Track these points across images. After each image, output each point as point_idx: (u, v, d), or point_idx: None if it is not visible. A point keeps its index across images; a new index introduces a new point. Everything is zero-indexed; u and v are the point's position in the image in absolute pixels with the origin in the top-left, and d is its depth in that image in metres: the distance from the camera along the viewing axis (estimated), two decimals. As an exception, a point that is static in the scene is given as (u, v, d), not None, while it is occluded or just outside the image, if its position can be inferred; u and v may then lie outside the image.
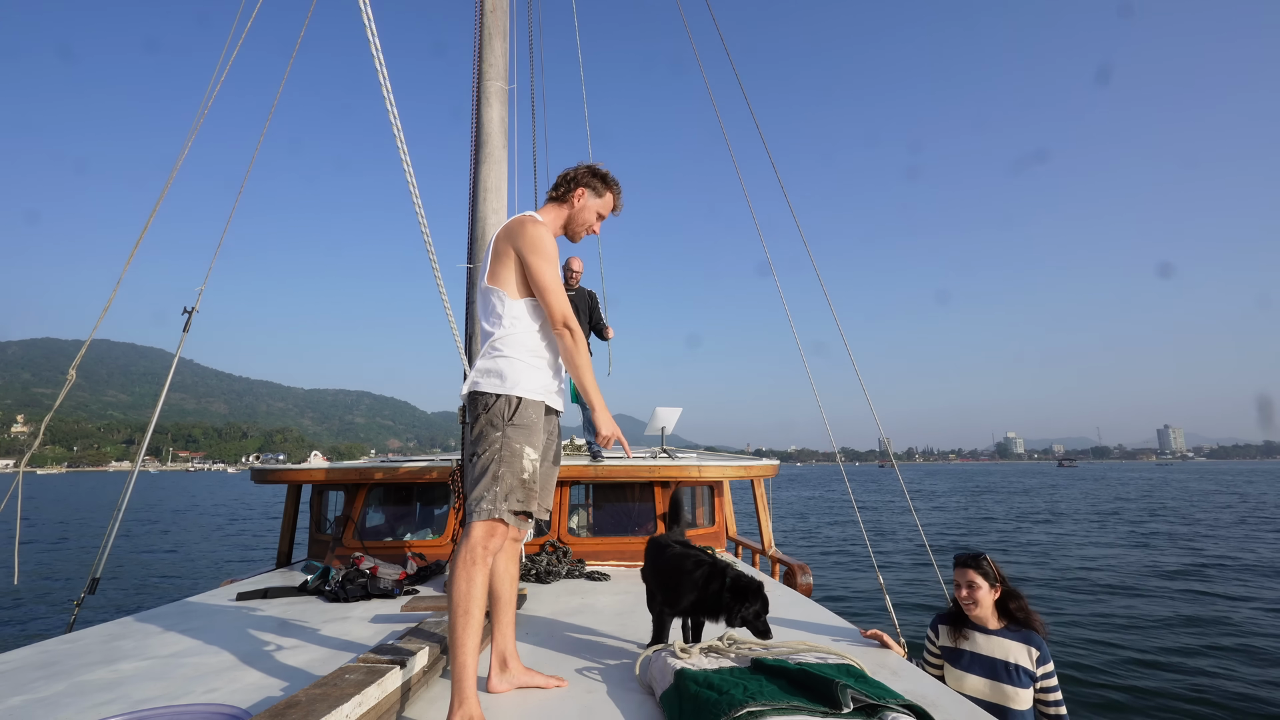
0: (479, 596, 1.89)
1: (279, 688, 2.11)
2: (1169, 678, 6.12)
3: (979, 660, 2.56)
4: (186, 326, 3.84)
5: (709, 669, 1.95)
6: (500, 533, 1.96)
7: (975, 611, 2.62)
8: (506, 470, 1.98)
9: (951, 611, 2.74)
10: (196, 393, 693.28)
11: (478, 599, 1.88)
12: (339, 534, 4.43)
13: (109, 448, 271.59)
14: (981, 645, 2.58)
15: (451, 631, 1.87)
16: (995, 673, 2.51)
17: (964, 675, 2.57)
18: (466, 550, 1.92)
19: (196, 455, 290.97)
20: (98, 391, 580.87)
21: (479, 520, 1.94)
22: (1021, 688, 2.46)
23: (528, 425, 2.05)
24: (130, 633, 2.84)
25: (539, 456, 2.07)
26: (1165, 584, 10.62)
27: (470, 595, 1.87)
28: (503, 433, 2.01)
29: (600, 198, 2.31)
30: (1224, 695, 5.67)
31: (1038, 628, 2.56)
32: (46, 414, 3.32)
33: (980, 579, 2.62)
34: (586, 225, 2.32)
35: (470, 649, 1.85)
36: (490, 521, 1.95)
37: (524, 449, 2.02)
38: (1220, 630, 7.78)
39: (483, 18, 3.95)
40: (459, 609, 1.86)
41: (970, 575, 2.64)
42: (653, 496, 4.60)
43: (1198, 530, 18.45)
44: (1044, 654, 2.51)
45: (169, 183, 3.52)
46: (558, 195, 2.29)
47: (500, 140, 3.84)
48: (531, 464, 2.03)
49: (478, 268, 3.67)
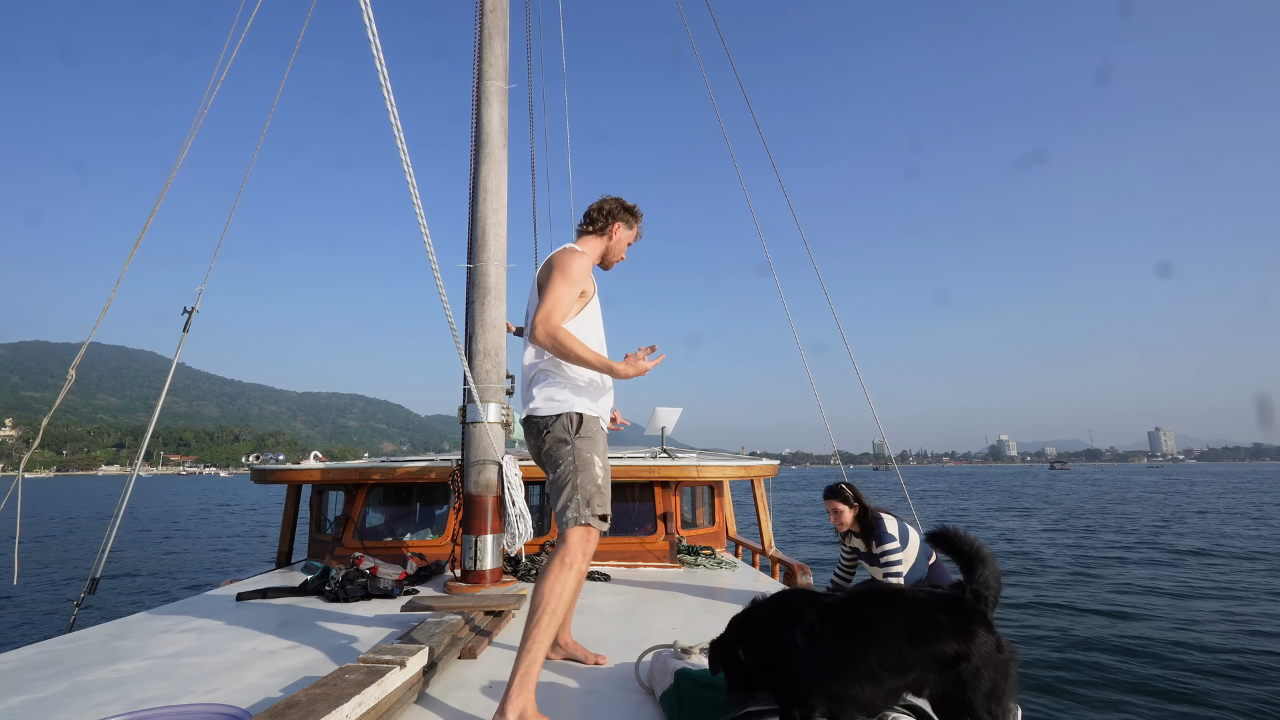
0: (569, 599, 2.01)
1: (279, 688, 2.10)
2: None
3: (863, 555, 3.52)
4: (186, 326, 3.83)
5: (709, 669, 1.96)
6: (594, 537, 2.13)
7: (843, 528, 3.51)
8: (584, 479, 2.16)
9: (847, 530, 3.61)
10: (188, 396, 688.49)
11: (567, 601, 2.00)
12: (339, 534, 4.42)
13: (99, 451, 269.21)
14: (860, 545, 3.52)
15: (534, 627, 1.93)
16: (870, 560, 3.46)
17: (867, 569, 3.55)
18: (564, 553, 2.04)
19: (188, 459, 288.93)
20: (88, 395, 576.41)
21: (573, 527, 2.10)
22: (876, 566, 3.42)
23: (591, 437, 2.25)
24: (130, 633, 2.83)
25: (604, 463, 2.25)
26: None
27: (561, 598, 1.97)
28: (572, 446, 2.21)
29: (630, 229, 2.55)
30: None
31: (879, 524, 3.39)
32: (35, 417, 3.31)
33: (841, 505, 3.48)
34: (619, 255, 2.55)
35: (545, 646, 1.91)
36: (583, 527, 2.11)
37: (593, 458, 2.20)
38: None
39: (483, 18, 3.96)
40: (547, 608, 1.95)
41: (834, 504, 3.51)
42: (653, 496, 4.60)
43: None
44: (881, 537, 3.36)
45: (167, 184, 3.52)
46: (595, 229, 2.49)
47: (500, 140, 3.85)
48: (602, 470, 2.21)
49: (480, 274, 3.66)
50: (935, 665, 1.32)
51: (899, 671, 1.34)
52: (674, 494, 4.63)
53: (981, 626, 1.32)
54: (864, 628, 1.39)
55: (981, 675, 1.28)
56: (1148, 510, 25.64)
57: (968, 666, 1.29)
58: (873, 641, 1.37)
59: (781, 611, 1.53)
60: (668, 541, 4.51)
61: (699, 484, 5.07)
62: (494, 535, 3.43)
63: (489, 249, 3.68)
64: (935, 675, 1.32)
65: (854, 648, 1.38)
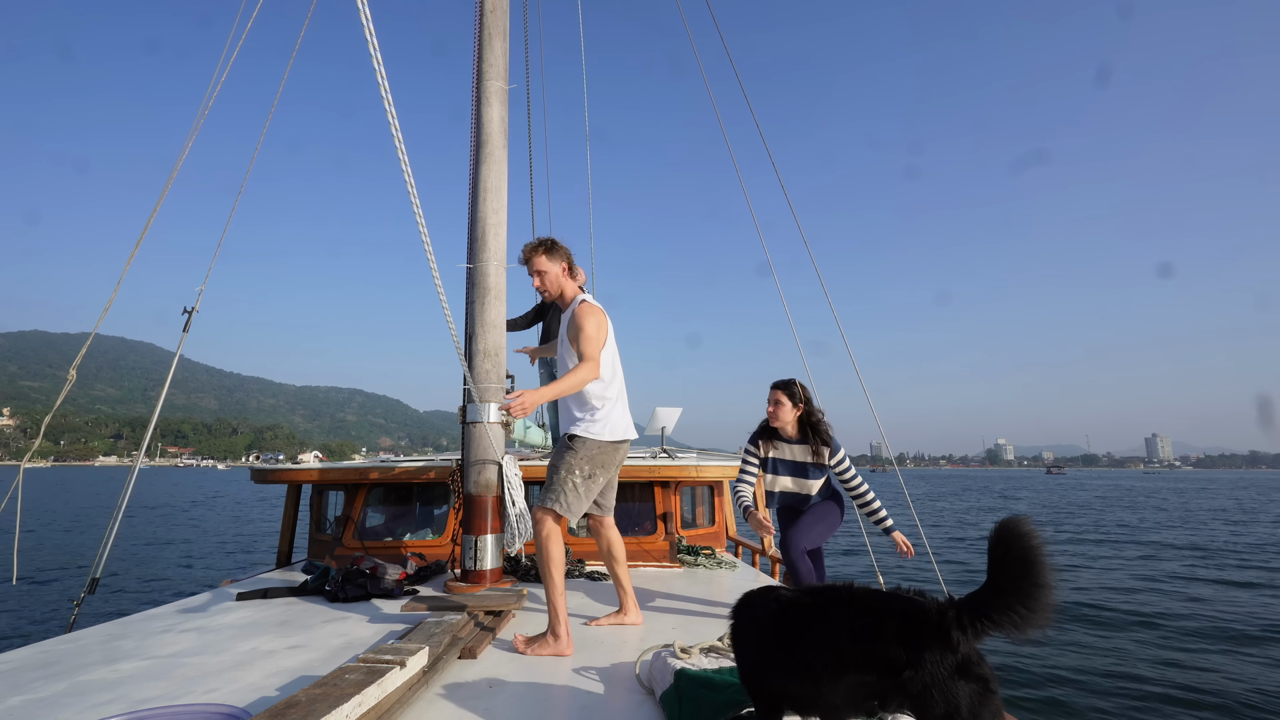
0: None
1: (279, 688, 2.11)
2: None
3: (784, 463, 3.30)
4: (186, 326, 3.82)
5: (709, 669, 1.96)
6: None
7: (778, 424, 3.26)
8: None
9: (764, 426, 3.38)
10: (186, 388, 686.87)
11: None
12: (339, 534, 4.42)
13: (96, 442, 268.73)
14: (786, 452, 3.28)
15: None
16: (797, 470, 3.26)
17: (777, 477, 3.32)
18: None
19: (186, 451, 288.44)
20: (86, 385, 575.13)
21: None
22: (817, 479, 3.25)
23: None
24: (130, 633, 2.83)
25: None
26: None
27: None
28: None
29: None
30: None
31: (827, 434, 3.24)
32: (33, 407, 3.32)
33: (786, 399, 3.25)
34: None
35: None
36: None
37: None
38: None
39: (483, 18, 3.95)
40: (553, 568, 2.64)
41: (778, 395, 3.28)
42: (652, 496, 4.61)
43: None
44: (834, 449, 3.20)
45: (167, 185, 3.51)
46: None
47: (500, 140, 3.85)
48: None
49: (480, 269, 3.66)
50: (875, 668, 1.23)
51: (835, 670, 1.28)
52: (674, 494, 4.64)
53: (939, 641, 1.18)
54: (805, 622, 1.36)
55: (931, 696, 1.15)
56: (1118, 514, 26.39)
57: (914, 679, 1.17)
58: (810, 635, 1.34)
59: (743, 606, 1.55)
60: (667, 541, 4.52)
61: (699, 484, 5.08)
62: (494, 535, 3.44)
63: (489, 249, 3.68)
64: (877, 679, 1.23)
65: (793, 641, 1.36)
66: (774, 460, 3.36)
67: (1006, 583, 1.15)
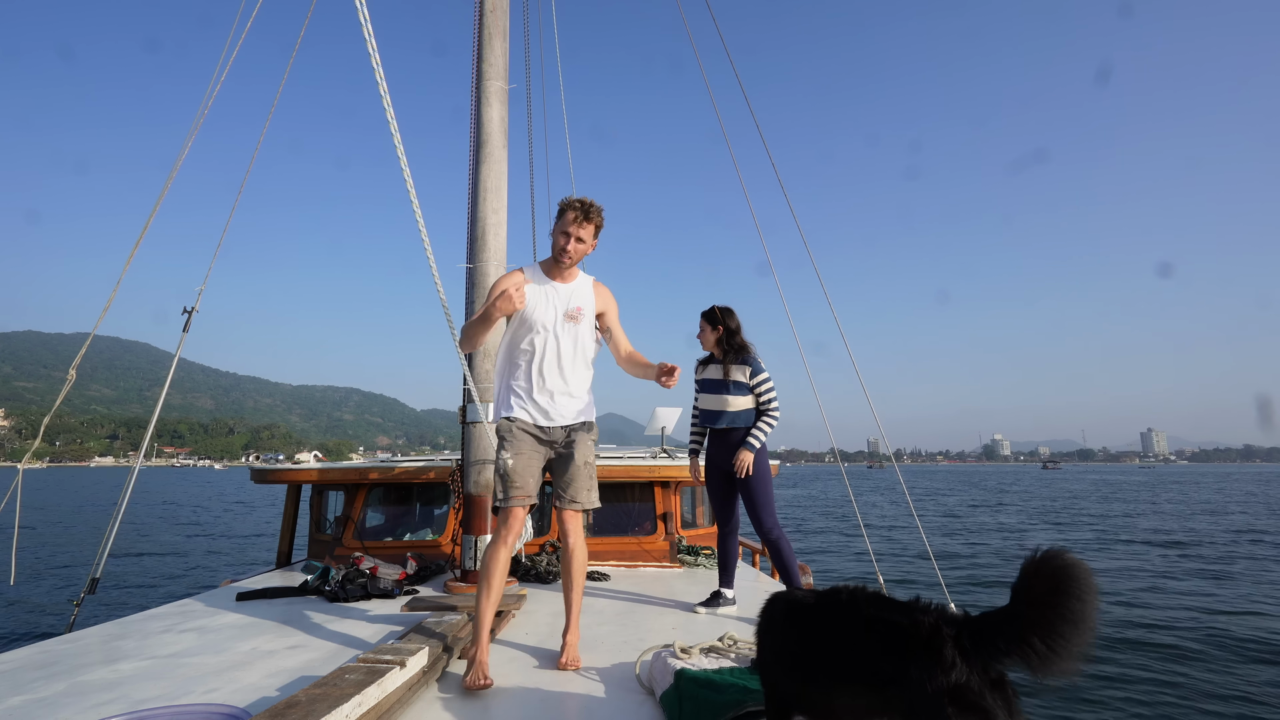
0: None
1: (279, 688, 2.11)
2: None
3: (704, 381, 3.49)
4: (186, 326, 3.82)
5: (709, 669, 1.96)
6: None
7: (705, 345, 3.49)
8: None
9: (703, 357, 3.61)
10: (183, 388, 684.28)
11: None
12: (339, 534, 4.42)
13: (92, 443, 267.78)
14: (711, 372, 3.45)
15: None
16: (713, 387, 3.41)
17: (702, 395, 3.48)
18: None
19: (182, 451, 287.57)
20: (81, 385, 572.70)
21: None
22: (736, 395, 3.34)
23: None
24: (130, 633, 2.83)
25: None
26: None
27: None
28: None
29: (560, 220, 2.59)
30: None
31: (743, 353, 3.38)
32: (27, 407, 3.31)
33: (706, 324, 3.45)
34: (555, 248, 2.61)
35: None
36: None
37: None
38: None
39: (482, 18, 3.95)
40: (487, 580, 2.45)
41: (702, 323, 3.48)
42: (652, 496, 4.62)
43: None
44: (755, 369, 3.34)
45: (169, 180, 3.50)
46: None
47: (500, 140, 3.85)
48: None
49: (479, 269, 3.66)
50: (863, 679, 1.19)
51: (833, 675, 1.25)
52: (674, 494, 4.64)
53: (928, 659, 1.07)
54: (811, 625, 1.33)
55: (918, 718, 1.07)
56: (1108, 507, 26.86)
57: (899, 696, 1.10)
58: (813, 639, 1.30)
59: (765, 607, 1.55)
60: (667, 541, 4.53)
61: (699, 484, 5.09)
62: (494, 535, 3.44)
63: (489, 249, 3.68)
64: (867, 692, 1.18)
65: (795, 643, 1.36)
66: (699, 380, 3.57)
67: (1025, 609, 1.01)
